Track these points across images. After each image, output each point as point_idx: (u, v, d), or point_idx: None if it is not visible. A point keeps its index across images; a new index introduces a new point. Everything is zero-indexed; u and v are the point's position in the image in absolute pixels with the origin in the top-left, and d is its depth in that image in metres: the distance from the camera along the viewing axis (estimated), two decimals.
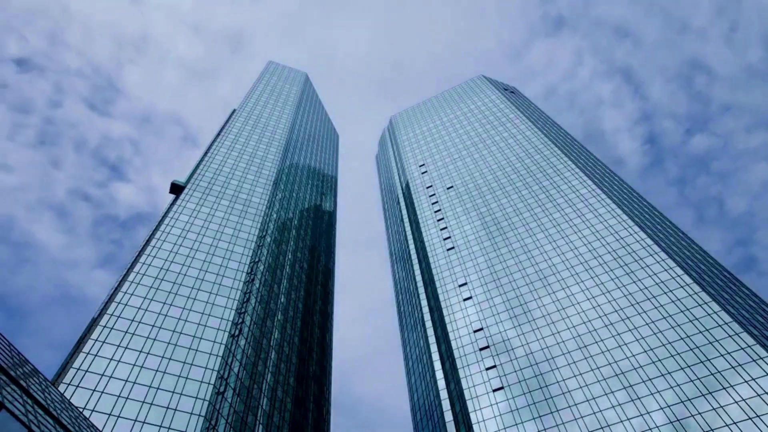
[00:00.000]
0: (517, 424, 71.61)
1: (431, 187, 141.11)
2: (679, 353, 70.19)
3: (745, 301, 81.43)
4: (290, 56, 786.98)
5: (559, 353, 78.61)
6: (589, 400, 70.29)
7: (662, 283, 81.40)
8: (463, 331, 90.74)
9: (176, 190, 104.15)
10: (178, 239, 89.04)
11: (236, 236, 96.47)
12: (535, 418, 71.11)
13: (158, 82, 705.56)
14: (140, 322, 70.49)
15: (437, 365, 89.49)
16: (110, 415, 56.91)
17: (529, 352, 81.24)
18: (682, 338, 71.99)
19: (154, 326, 70.73)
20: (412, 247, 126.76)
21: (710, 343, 69.48)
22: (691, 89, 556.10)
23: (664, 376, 68.48)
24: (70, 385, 58.29)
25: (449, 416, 79.24)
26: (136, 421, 57.69)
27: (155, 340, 68.79)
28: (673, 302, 77.51)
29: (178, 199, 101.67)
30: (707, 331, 71.18)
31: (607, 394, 69.94)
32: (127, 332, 68.03)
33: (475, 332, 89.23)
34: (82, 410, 55.77)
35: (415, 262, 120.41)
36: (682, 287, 79.03)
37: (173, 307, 75.23)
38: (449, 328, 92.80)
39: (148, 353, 66.40)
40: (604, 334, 78.23)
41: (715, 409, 61.93)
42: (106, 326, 67.59)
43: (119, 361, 63.77)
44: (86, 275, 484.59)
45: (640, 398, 67.28)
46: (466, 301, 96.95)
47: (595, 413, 68.28)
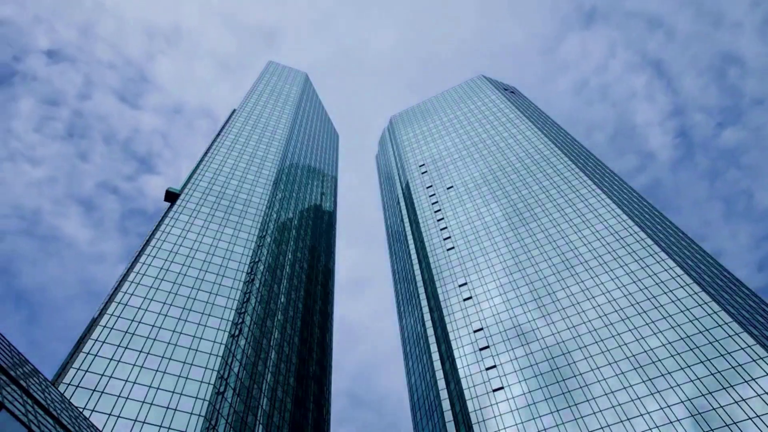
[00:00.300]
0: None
1: (431, 187, 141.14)
2: (679, 353, 70.23)
3: (745, 301, 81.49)
4: (320, 52, 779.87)
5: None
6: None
7: (662, 283, 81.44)
8: (462, 331, 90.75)
9: (171, 198, 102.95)
10: (178, 239, 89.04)
11: (236, 236, 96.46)
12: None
13: (189, 74, 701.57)
14: (140, 322, 70.47)
15: (437, 365, 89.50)
16: (110, 415, 56.90)
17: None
18: (682, 338, 72.03)
19: (154, 326, 70.71)
20: (412, 246, 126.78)
21: (710, 343, 69.53)
22: (723, 82, 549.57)
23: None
24: (70, 385, 58.27)
25: (449, 416, 79.23)
26: (136, 421, 57.68)
27: (155, 340, 68.77)
28: (672, 302, 77.53)
29: (178, 199, 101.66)
30: (708, 330, 71.24)
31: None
32: (127, 332, 68.02)
33: (475, 332, 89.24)
34: (82, 410, 55.75)
35: (415, 261, 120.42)
36: (682, 287, 79.06)
37: (173, 307, 75.22)
38: (449, 328, 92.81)
39: (148, 353, 66.39)
40: (611, 330, 78.26)
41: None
42: (106, 326, 67.59)
43: (119, 361, 63.76)
44: (112, 270, 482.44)
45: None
46: (466, 301, 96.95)
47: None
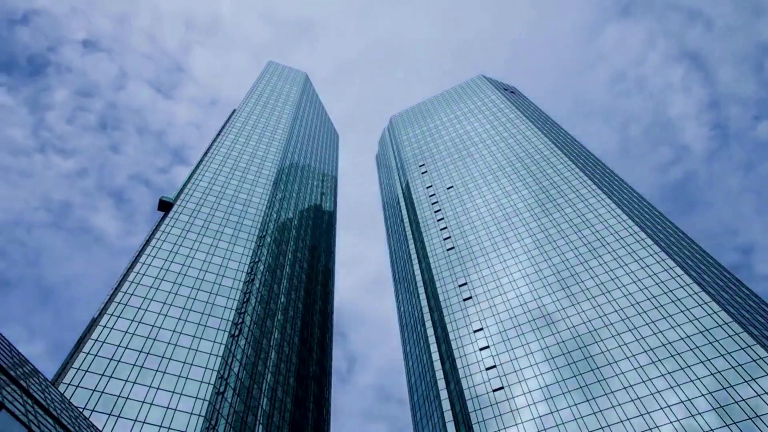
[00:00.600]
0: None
1: (431, 187, 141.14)
2: (680, 353, 70.24)
3: (745, 301, 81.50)
4: (356, 45, 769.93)
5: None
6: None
7: (662, 283, 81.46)
8: (462, 331, 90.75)
9: (165, 207, 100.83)
10: (178, 239, 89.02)
11: (236, 236, 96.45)
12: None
13: (225, 66, 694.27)
14: (140, 321, 70.46)
15: (437, 365, 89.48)
16: (110, 415, 56.89)
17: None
18: (682, 338, 72.00)
19: (154, 326, 70.70)
20: (412, 246, 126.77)
21: (710, 343, 69.56)
22: (760, 75, 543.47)
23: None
24: (70, 385, 58.26)
25: (449, 416, 79.23)
26: (136, 421, 57.67)
27: (155, 340, 68.76)
28: (673, 302, 77.56)
29: (178, 199, 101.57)
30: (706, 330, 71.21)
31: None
32: (127, 332, 68.00)
33: (475, 332, 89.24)
34: (82, 410, 55.74)
35: (415, 261, 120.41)
36: (682, 287, 79.08)
37: (173, 307, 75.21)
38: (449, 328, 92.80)
39: (148, 353, 66.37)
40: (611, 331, 78.27)
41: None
42: (106, 326, 67.57)
43: (119, 361, 63.74)
44: None
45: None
46: (466, 301, 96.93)
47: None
